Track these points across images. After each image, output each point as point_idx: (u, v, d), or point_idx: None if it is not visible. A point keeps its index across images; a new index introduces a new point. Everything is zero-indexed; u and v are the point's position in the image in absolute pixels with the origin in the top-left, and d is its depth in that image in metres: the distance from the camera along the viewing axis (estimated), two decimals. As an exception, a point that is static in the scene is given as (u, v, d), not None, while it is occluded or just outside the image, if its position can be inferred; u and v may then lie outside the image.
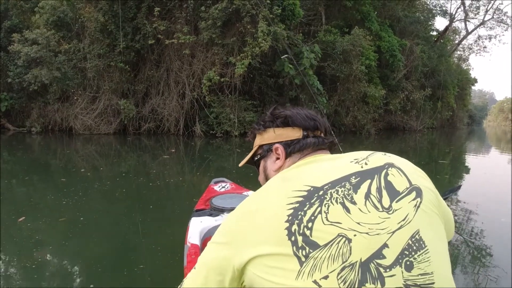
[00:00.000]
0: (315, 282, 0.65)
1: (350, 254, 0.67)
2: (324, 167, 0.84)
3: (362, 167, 0.80)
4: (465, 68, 37.46)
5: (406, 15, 23.08)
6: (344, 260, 0.66)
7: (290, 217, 0.71)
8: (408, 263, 0.68)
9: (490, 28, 36.24)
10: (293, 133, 0.94)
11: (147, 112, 14.66)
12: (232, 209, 2.09)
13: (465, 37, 33.17)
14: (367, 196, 0.74)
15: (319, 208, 0.71)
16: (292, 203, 0.73)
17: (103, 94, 14.51)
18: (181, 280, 0.83)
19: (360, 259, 0.66)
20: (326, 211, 0.71)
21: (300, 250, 0.67)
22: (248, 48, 12.50)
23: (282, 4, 13.11)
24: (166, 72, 14.61)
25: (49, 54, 13.48)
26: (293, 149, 0.92)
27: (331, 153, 0.95)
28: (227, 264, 0.74)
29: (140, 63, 14.80)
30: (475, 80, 36.31)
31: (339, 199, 0.73)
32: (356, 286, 0.64)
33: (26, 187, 4.95)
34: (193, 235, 2.02)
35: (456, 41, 33.99)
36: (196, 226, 2.09)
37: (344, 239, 0.68)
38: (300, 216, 0.71)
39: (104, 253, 2.75)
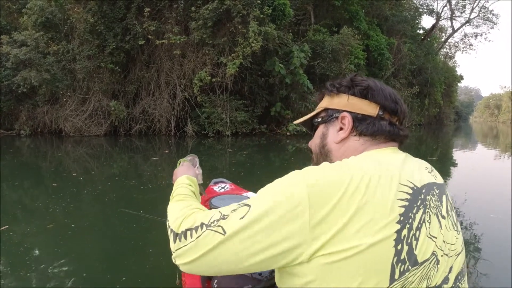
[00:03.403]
0: None
1: (434, 277, 0.59)
2: (412, 165, 0.70)
3: (435, 178, 0.72)
4: (452, 65, 38.16)
5: (393, 14, 23.37)
6: (428, 284, 0.59)
7: (402, 218, 0.57)
8: None
9: (476, 26, 37.03)
10: (368, 108, 0.78)
11: (137, 113, 14.59)
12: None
13: (451, 35, 33.76)
14: (447, 211, 0.67)
15: (423, 216, 0.60)
16: (402, 199, 0.59)
17: (93, 96, 14.40)
18: (179, 279, 0.73)
19: (436, 283, 0.60)
20: (429, 221, 0.61)
21: (400, 265, 0.56)
22: (239, 48, 12.54)
23: (273, 4, 13.19)
24: (156, 73, 14.56)
25: (38, 56, 13.33)
26: (365, 129, 0.77)
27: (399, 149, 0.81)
28: (295, 243, 0.58)
29: (130, 64, 14.72)
30: (461, 77, 36.92)
31: (434, 209, 0.63)
32: None
33: (16, 192, 4.92)
34: (193, 235, 2.04)
35: (443, 39, 34.54)
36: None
37: (435, 259, 0.60)
38: (410, 220, 0.58)
39: (99, 258, 2.76)
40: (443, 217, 0.64)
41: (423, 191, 0.63)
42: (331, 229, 0.56)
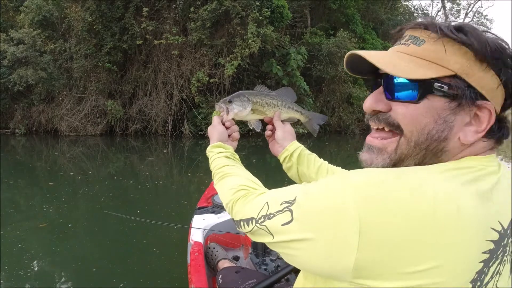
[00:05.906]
0: None
1: None
2: (506, 188, 0.53)
3: None
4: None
5: (389, 18, 23.58)
6: None
7: (476, 275, 0.45)
8: None
9: (470, 31, 37.36)
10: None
11: (134, 113, 14.55)
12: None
13: (446, 39, 34.01)
14: None
15: (498, 267, 0.49)
16: (486, 252, 0.46)
17: (89, 95, 14.34)
18: (184, 277, 0.75)
19: None
20: (501, 272, 0.50)
21: None
22: (237, 49, 12.59)
23: (271, 6, 13.26)
24: (154, 73, 14.54)
25: (34, 54, 13.27)
26: (497, 131, 0.54)
27: None
28: (334, 276, 0.49)
29: (127, 63, 14.69)
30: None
31: (510, 255, 0.51)
32: None
33: (11, 192, 4.89)
34: (196, 233, 2.05)
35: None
36: (199, 224, 2.14)
37: None
38: (483, 275, 0.46)
39: (99, 257, 2.76)
40: None
41: (508, 232, 0.48)
42: (383, 281, 0.43)
